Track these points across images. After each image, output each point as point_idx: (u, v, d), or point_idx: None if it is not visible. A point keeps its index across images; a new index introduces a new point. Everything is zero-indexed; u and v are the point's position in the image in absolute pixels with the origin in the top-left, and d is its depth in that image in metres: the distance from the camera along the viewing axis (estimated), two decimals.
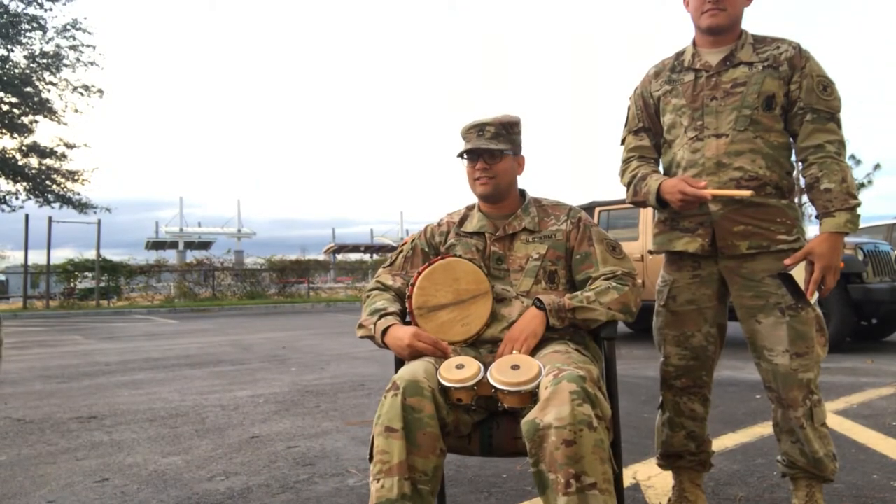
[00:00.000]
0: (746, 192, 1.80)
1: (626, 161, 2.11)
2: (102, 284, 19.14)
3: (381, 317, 1.79)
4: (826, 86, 1.85)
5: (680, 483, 2.13)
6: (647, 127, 2.09)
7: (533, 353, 1.72)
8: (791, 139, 1.93)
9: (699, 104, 1.92)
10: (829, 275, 1.75)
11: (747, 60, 1.89)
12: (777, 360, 1.88)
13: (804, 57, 1.87)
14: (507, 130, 1.89)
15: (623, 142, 2.15)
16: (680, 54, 2.04)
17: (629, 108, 2.15)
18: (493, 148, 1.86)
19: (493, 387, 1.55)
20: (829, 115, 1.84)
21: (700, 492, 2.12)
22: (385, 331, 1.75)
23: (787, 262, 1.78)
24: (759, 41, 1.93)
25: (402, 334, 1.71)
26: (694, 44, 2.00)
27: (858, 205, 1.78)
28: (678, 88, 1.98)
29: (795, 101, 1.87)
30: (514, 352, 1.67)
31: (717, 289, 2.00)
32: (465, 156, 1.91)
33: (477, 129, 1.89)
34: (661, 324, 2.09)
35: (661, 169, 2.10)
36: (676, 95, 1.98)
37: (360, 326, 1.83)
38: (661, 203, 1.95)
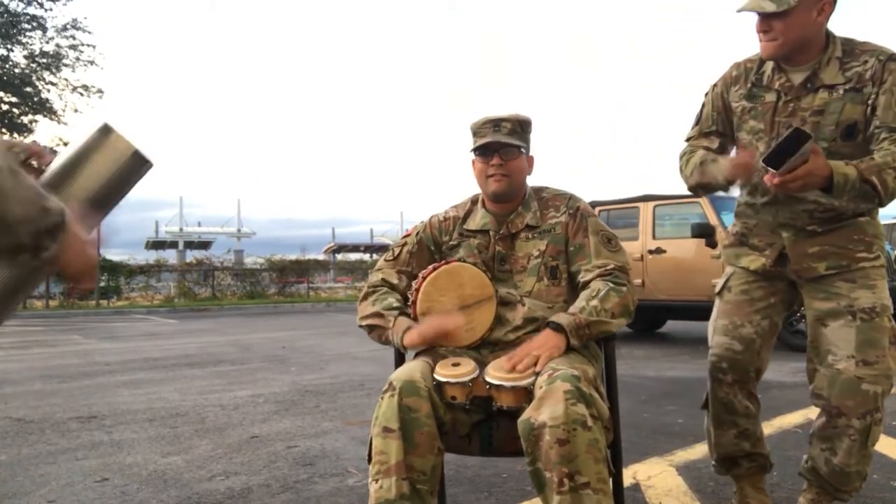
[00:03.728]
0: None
1: (692, 151, 1.93)
2: (102, 284, 19.13)
3: (400, 313, 1.77)
4: None
5: (741, 489, 2.02)
6: (721, 131, 1.94)
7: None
8: None
9: (776, 133, 1.78)
10: (800, 182, 1.54)
11: (830, 83, 1.71)
12: (840, 364, 1.72)
13: (887, 69, 1.67)
14: (522, 128, 1.86)
15: (689, 139, 2.00)
16: (763, 61, 1.83)
17: (704, 105, 1.98)
18: (512, 143, 1.82)
19: (488, 383, 1.55)
20: None
21: (764, 496, 2.01)
22: (404, 331, 1.72)
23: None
24: (848, 53, 1.72)
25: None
26: None
27: (874, 189, 1.58)
28: (758, 108, 1.83)
29: (871, 121, 1.68)
30: (534, 352, 1.59)
31: (780, 287, 1.91)
32: (476, 151, 1.85)
33: (493, 123, 1.84)
34: (715, 314, 2.00)
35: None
36: (755, 117, 1.83)
37: (374, 315, 1.79)
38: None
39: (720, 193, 2.02)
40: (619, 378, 1.78)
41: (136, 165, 1.02)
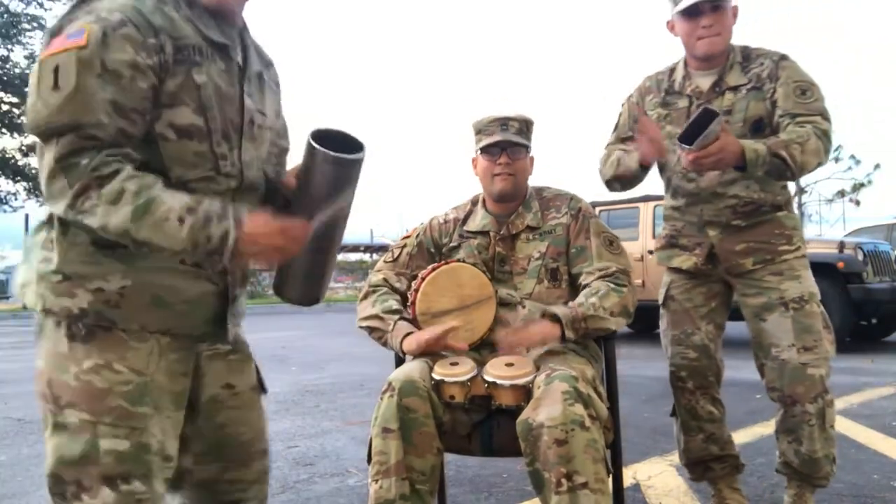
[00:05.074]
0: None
1: (609, 154, 2.06)
2: None
3: (401, 318, 1.75)
4: (805, 90, 1.81)
5: (719, 492, 2.07)
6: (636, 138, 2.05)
7: (529, 352, 1.71)
8: None
9: None
10: (714, 158, 1.64)
11: (734, 84, 1.89)
12: (784, 355, 1.84)
13: (780, 67, 1.85)
14: (527, 128, 1.86)
15: (608, 145, 2.13)
16: (672, 71, 2.02)
17: (620, 115, 2.14)
18: (521, 142, 1.83)
19: (487, 381, 1.55)
20: (811, 115, 1.78)
21: (740, 496, 2.06)
22: (403, 336, 1.71)
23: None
24: (746, 58, 1.92)
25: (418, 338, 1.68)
26: (685, 63, 1.98)
27: (784, 163, 1.69)
28: (672, 115, 1.97)
29: (775, 114, 1.85)
30: (520, 349, 1.65)
31: (717, 290, 2.01)
32: (484, 149, 1.84)
33: (500, 122, 1.83)
34: (664, 325, 2.08)
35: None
36: (671, 122, 1.97)
37: (374, 317, 1.77)
38: (642, 167, 1.92)
39: None
40: (619, 378, 1.78)
41: (342, 168, 1.10)
